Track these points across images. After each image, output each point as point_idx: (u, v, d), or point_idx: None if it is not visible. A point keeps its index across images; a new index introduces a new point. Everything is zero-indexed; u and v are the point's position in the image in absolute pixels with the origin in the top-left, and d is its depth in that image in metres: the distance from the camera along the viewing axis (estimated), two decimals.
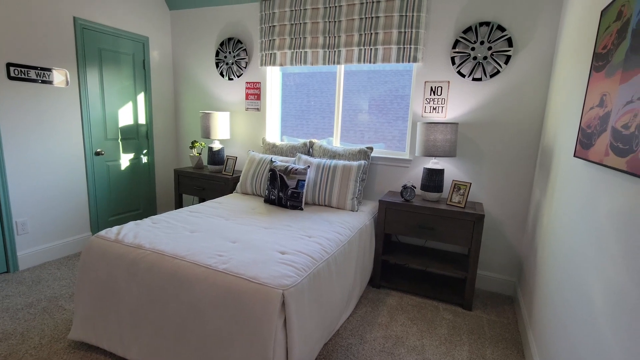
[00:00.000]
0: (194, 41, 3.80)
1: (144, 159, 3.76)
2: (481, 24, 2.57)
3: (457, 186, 2.59)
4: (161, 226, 2.15)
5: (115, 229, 2.07)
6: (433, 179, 2.64)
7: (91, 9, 3.09)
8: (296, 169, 2.73)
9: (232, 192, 3.34)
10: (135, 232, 2.01)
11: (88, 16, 3.08)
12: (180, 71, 3.95)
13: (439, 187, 2.65)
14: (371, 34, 2.87)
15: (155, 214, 3.97)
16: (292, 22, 3.17)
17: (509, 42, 2.51)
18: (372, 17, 2.85)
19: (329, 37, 3.04)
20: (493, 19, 2.56)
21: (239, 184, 3.19)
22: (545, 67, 2.47)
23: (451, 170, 2.85)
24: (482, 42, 2.58)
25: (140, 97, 3.64)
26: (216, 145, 3.52)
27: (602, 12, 1.40)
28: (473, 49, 2.61)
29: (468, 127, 2.75)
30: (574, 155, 1.52)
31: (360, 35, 2.92)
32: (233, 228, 2.17)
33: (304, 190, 2.71)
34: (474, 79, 2.66)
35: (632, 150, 0.96)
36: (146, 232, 2.04)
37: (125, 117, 3.51)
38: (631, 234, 0.98)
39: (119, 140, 3.49)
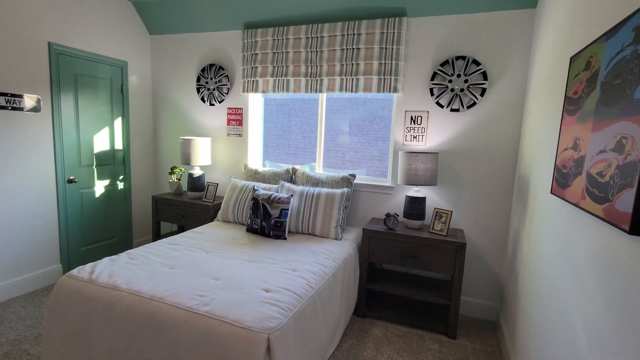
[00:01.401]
0: (174, 66, 3.77)
1: (120, 186, 3.64)
2: (457, 58, 2.68)
3: (438, 214, 2.63)
4: (138, 262, 2.06)
5: (88, 267, 1.97)
6: (415, 207, 2.68)
7: (67, 34, 3.03)
8: (279, 198, 2.70)
9: (212, 220, 3.26)
10: (110, 270, 1.92)
11: (64, 41, 3.00)
12: (160, 96, 3.89)
13: (421, 215, 2.68)
14: (352, 64, 2.94)
15: (131, 242, 3.81)
16: (275, 51, 3.21)
17: (484, 75, 2.63)
18: (353, 49, 2.92)
19: (311, 66, 3.09)
20: (468, 54, 2.67)
21: (220, 211, 3.12)
22: (519, 100, 2.59)
23: (432, 197, 2.90)
24: (458, 75, 2.68)
25: (118, 122, 3.54)
26: (196, 172, 3.45)
27: (571, 58, 1.49)
28: (450, 81, 2.71)
29: (448, 155, 2.82)
30: (551, 192, 1.57)
31: (342, 65, 2.98)
32: (215, 262, 2.11)
33: (288, 220, 2.68)
34: (452, 110, 2.75)
35: (608, 199, 1.00)
36: (122, 269, 1.94)
37: (101, 142, 3.40)
38: (610, 278, 1.01)
39: (94, 167, 3.37)
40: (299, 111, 3.49)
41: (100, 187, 3.43)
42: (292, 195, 2.78)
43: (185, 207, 3.37)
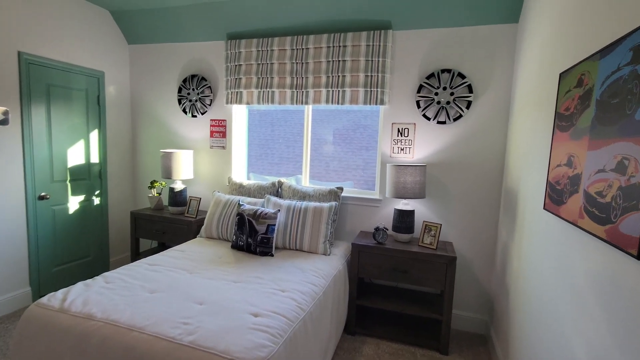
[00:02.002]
0: (154, 77, 3.65)
1: (96, 201, 3.46)
2: (443, 71, 2.69)
3: (428, 227, 2.61)
4: (116, 286, 1.93)
5: (60, 293, 1.82)
6: (404, 220, 2.64)
7: (39, 43, 2.87)
8: (266, 213, 2.62)
9: (195, 236, 3.13)
10: (85, 297, 1.78)
11: (35, 51, 2.85)
12: (139, 107, 3.75)
13: (410, 228, 2.65)
14: (338, 76, 2.91)
15: (108, 260, 3.62)
16: (259, 62, 3.14)
17: (470, 88, 2.64)
18: (339, 61, 2.90)
19: (297, 78, 3.04)
20: (454, 67, 2.69)
21: (203, 227, 3.00)
22: (504, 113, 2.62)
23: (421, 210, 2.87)
24: (444, 88, 2.69)
25: (94, 135, 3.38)
26: (178, 186, 3.32)
27: (561, 74, 1.49)
28: (437, 93, 2.72)
29: (435, 167, 2.82)
30: (544, 208, 1.56)
31: (328, 77, 2.94)
32: (199, 284, 2.00)
33: (275, 235, 2.59)
34: (438, 122, 2.75)
35: (610, 220, 0.98)
36: (98, 295, 1.81)
37: (75, 156, 3.23)
38: (613, 301, 0.98)
39: (68, 182, 3.18)
40: (282, 120, 3.43)
41: (74, 203, 3.25)
42: (279, 210, 2.69)
43: (167, 222, 3.23)
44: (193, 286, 1.97)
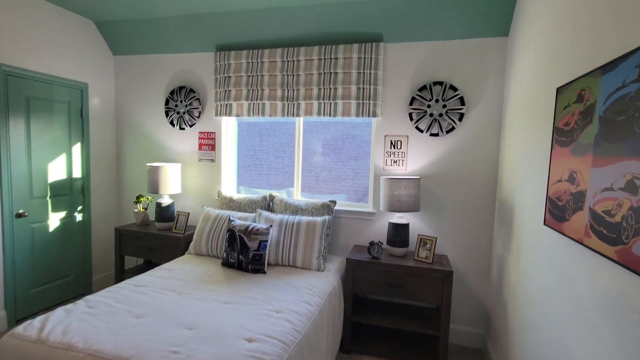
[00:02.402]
0: (140, 89, 3.55)
1: (79, 217, 3.31)
2: (435, 83, 2.69)
3: (423, 241, 2.57)
4: (99, 311, 1.81)
5: (38, 321, 1.70)
6: (399, 233, 2.60)
7: (19, 54, 2.76)
8: (258, 229, 2.54)
9: (184, 253, 3.02)
10: (65, 325, 1.66)
11: (15, 62, 2.73)
12: (124, 120, 3.64)
13: (405, 242, 2.61)
14: (330, 88, 2.88)
15: (90, 279, 3.46)
16: (249, 74, 3.09)
17: (462, 100, 2.65)
18: (330, 73, 2.87)
19: (288, 90, 3.00)
20: (445, 79, 2.69)
21: (192, 243, 2.90)
22: (496, 125, 2.63)
23: (416, 223, 2.84)
24: (437, 100, 2.69)
25: (76, 149, 3.25)
26: (165, 200, 3.21)
27: (558, 89, 1.48)
28: (429, 106, 2.71)
29: (428, 179, 2.80)
30: (544, 224, 1.54)
31: (320, 89, 2.91)
32: (188, 306, 1.90)
33: (267, 252, 2.51)
34: (431, 134, 2.74)
35: (621, 241, 0.95)
36: (80, 322, 1.69)
37: (56, 171, 3.09)
38: (625, 323, 0.94)
39: (48, 198, 3.04)
40: (270, 131, 3.38)
41: (55, 220, 3.10)
42: (271, 225, 2.62)
43: (153, 239, 3.11)
44: (182, 309, 1.87)
